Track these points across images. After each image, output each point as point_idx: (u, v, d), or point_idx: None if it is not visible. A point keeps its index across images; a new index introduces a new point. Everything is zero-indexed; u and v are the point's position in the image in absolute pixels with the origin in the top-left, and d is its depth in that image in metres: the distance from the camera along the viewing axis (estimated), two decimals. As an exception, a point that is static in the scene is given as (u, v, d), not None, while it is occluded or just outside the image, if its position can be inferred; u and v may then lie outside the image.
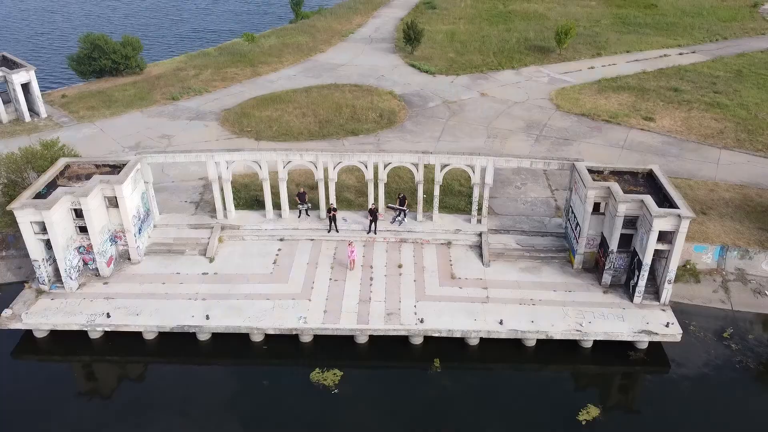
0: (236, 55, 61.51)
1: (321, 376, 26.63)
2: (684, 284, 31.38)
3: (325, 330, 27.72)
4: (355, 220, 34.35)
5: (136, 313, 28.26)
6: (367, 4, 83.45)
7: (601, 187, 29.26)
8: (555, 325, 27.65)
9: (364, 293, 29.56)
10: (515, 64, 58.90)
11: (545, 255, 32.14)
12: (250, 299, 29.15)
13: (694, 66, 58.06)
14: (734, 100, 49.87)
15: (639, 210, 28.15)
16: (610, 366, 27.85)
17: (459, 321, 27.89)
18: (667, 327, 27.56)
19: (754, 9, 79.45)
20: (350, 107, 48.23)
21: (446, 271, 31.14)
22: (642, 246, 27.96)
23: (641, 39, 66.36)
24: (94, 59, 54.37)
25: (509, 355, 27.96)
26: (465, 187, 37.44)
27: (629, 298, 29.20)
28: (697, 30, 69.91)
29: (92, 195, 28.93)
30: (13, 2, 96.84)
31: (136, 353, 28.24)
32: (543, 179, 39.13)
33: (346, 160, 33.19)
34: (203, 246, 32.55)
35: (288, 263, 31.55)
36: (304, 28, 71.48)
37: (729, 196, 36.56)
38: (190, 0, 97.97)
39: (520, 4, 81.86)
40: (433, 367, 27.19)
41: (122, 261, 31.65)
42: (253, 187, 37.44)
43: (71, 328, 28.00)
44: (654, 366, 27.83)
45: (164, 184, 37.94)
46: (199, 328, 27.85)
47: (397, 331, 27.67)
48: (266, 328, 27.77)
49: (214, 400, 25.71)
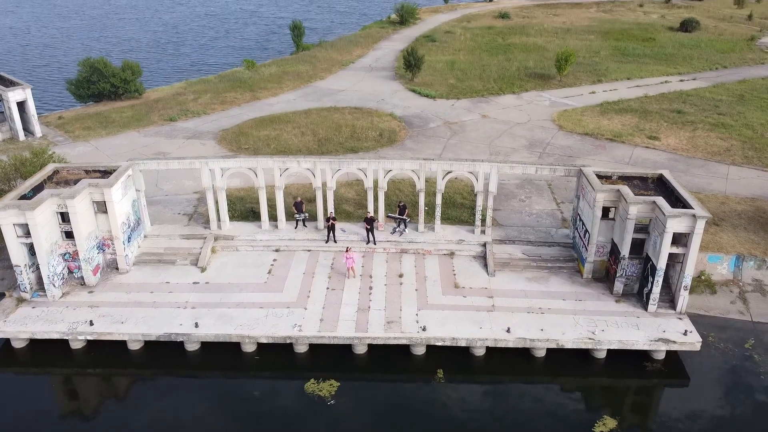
0: (236, 82, 61.36)
1: (316, 386, 24.82)
2: (699, 295, 29.83)
3: (322, 339, 26.04)
4: (354, 231, 33.04)
5: (121, 321, 26.64)
6: (367, 38, 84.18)
7: (610, 190, 28.08)
8: (566, 334, 25.99)
9: (363, 302, 28.00)
10: (516, 89, 58.64)
11: (553, 265, 30.69)
12: (242, 308, 27.59)
13: (696, 91, 57.79)
14: (739, 120, 49.27)
15: (651, 212, 26.90)
16: (625, 378, 26.01)
17: (464, 329, 26.25)
18: (685, 335, 25.90)
19: (751, 42, 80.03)
20: (350, 127, 47.56)
21: (449, 280, 29.65)
22: (655, 250, 26.58)
23: (641, 67, 66.44)
24: (92, 83, 54.07)
25: (517, 367, 26.18)
26: (467, 200, 36.30)
27: (643, 306, 27.63)
28: (696, 60, 70.11)
29: (79, 198, 27.72)
30: (16, 38, 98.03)
31: (120, 365, 26.46)
32: (548, 192, 38.01)
33: (344, 167, 32.14)
34: (195, 256, 31.14)
35: (283, 273, 30.09)
36: (304, 58, 71.72)
37: (741, 209, 35.35)
38: (191, 35, 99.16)
39: (519, 38, 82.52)
40: (436, 378, 25.40)
41: (110, 270, 30.19)
42: (248, 200, 36.32)
43: (51, 336, 26.32)
44: (673, 378, 26.02)
45: (157, 197, 36.86)
46: (187, 336, 26.18)
47: (398, 339, 25.98)
48: (258, 337, 26.09)
49: (202, 415, 23.80)
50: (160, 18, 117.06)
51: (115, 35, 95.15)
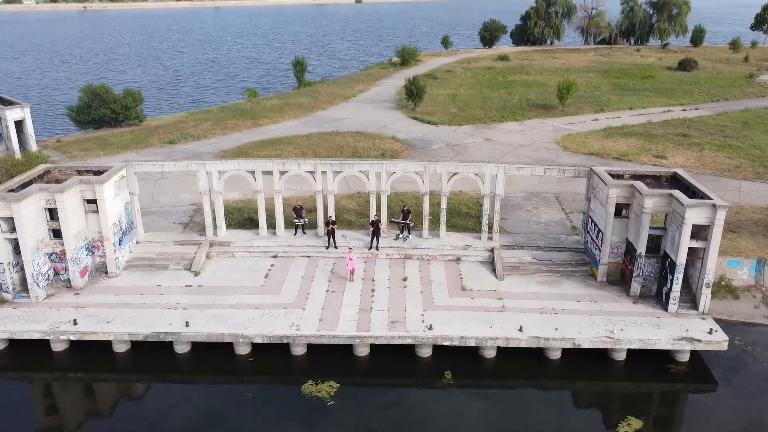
0: (237, 111, 61.27)
1: (314, 387, 22.93)
2: (721, 300, 28.18)
3: (321, 338, 24.29)
4: (355, 238, 31.68)
5: (107, 321, 24.96)
6: (369, 76, 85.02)
7: (623, 185, 26.93)
8: (582, 333, 24.25)
9: (365, 303, 26.39)
10: (518, 117, 58.40)
11: (564, 269, 29.20)
12: (236, 308, 25.95)
13: (700, 118, 57.50)
14: (745, 142, 48.64)
15: (667, 205, 25.65)
16: (647, 382, 24.04)
17: (473, 328, 24.54)
18: (710, 334, 24.16)
19: (750, 78, 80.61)
20: (351, 148, 46.86)
21: (456, 283, 28.10)
22: (674, 245, 25.18)
23: (642, 99, 66.51)
24: (93, 108, 53.81)
25: (530, 370, 24.29)
26: (473, 210, 35.09)
27: (663, 307, 25.98)
28: (697, 93, 70.31)
29: (69, 193, 26.55)
30: (18, 80, 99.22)
31: (105, 368, 24.60)
32: (555, 204, 36.82)
33: (346, 169, 31.10)
34: (189, 261, 29.68)
35: (281, 277, 28.57)
36: (306, 93, 72.07)
37: (757, 218, 34.08)
38: (191, 78, 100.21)
39: (519, 76, 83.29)
40: (444, 379, 23.51)
41: (98, 275, 28.68)
42: (246, 211, 35.13)
43: (32, 336, 24.59)
44: (699, 383, 24.12)
45: (153, 209, 35.68)
46: (176, 336, 24.44)
47: (403, 339, 24.23)
48: (253, 336, 24.35)
49: (189, 422, 21.79)
50: (161, 63, 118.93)
51: (117, 78, 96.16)
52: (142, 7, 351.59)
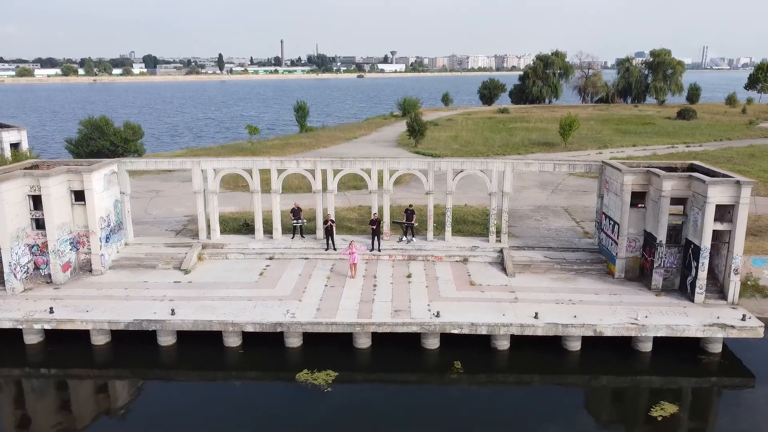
0: (238, 149, 60.86)
1: (310, 375, 20.72)
2: (748, 299, 26.09)
3: (318, 326, 22.23)
4: (356, 241, 29.92)
5: (86, 310, 22.98)
6: (371, 124, 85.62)
7: (638, 171, 25.60)
8: (603, 320, 22.21)
9: (367, 295, 24.45)
10: (521, 152, 57.76)
11: (579, 267, 27.38)
12: (227, 300, 23.99)
13: (706, 152, 56.85)
14: (754, 167, 47.67)
15: (687, 189, 24.23)
16: (676, 375, 21.75)
17: (484, 316, 22.51)
18: (743, 321, 22.11)
19: (750, 125, 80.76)
20: (352, 172, 45.75)
21: (464, 279, 26.24)
22: (696, 230, 23.56)
23: (645, 139, 66.26)
24: (92, 140, 53.29)
25: (548, 362, 22.07)
26: (479, 219, 33.58)
27: (688, 298, 24.03)
28: (699, 135, 70.16)
29: (55, 180, 25.23)
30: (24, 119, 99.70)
31: (82, 363, 22.38)
32: (565, 215, 35.32)
33: (347, 167, 29.92)
34: (179, 260, 27.93)
35: (277, 275, 26.71)
36: (308, 135, 72.10)
37: (778, 224, 32.51)
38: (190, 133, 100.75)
39: (520, 123, 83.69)
40: (453, 369, 21.28)
41: (82, 272, 26.87)
42: (242, 220, 33.60)
43: (3, 326, 22.54)
44: (735, 376, 21.87)
45: (146, 219, 34.20)
46: (160, 324, 22.38)
47: (408, 326, 22.16)
48: (243, 324, 22.28)
49: (173, 419, 19.55)
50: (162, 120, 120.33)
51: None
52: (150, 81, 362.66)
